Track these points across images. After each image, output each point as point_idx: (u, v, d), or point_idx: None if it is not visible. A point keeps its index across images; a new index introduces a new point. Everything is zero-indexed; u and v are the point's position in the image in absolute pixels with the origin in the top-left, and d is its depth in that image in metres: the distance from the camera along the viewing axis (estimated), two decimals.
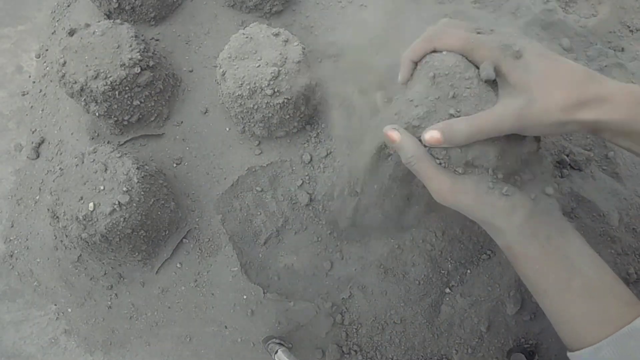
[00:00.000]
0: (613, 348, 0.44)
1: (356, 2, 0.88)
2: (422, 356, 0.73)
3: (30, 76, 1.00)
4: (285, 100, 0.71)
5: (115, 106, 0.76)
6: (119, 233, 0.68)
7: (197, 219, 0.77)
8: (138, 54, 0.74)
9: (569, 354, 0.50)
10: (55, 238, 0.79)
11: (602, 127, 0.46)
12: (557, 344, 0.73)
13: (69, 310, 0.81)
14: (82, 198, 0.67)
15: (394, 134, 0.50)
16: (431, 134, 0.48)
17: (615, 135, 0.47)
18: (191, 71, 0.86)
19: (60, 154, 0.85)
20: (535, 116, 0.46)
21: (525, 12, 0.82)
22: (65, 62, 0.74)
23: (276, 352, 0.66)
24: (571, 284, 0.48)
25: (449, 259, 0.73)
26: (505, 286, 0.71)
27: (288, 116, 0.74)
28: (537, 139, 0.52)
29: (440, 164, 0.50)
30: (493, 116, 0.47)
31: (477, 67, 0.50)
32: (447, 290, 0.73)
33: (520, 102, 0.46)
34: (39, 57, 1.01)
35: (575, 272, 0.48)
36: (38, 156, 0.90)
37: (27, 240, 0.85)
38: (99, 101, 0.74)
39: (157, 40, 0.89)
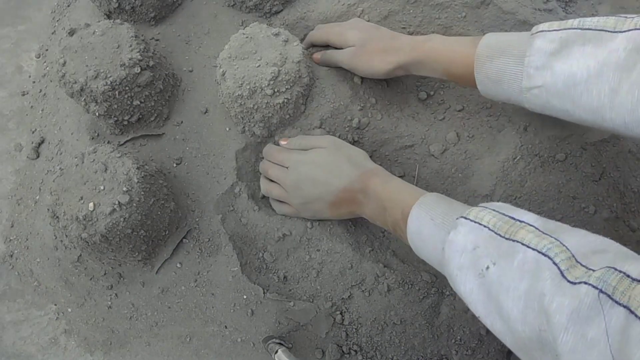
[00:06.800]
0: (435, 194, 0.60)
1: None
2: (422, 356, 0.73)
3: (30, 76, 1.00)
4: (285, 100, 0.71)
5: (115, 106, 0.76)
6: (119, 233, 0.68)
7: (197, 219, 0.77)
8: (138, 54, 0.74)
9: (408, 236, 0.60)
10: (55, 238, 0.79)
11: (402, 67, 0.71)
12: None
13: (69, 310, 0.81)
14: (82, 198, 0.67)
15: (316, 55, 0.80)
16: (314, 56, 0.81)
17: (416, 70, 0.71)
18: (191, 71, 0.86)
19: (60, 154, 0.85)
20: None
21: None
22: (65, 62, 0.74)
23: (276, 352, 0.66)
24: (392, 179, 0.67)
25: None
26: None
27: (288, 116, 0.74)
28: None
29: None
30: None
31: None
32: (447, 292, 0.73)
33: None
34: (39, 57, 1.01)
35: (393, 176, 0.68)
36: (38, 156, 0.90)
37: (27, 240, 0.85)
38: (99, 101, 0.74)
39: (157, 40, 0.89)
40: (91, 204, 0.66)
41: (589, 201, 0.68)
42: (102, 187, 0.67)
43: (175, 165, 0.81)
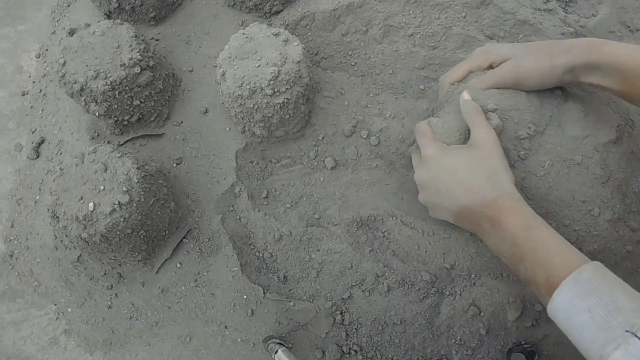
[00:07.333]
0: (592, 269, 0.51)
1: None
2: (422, 356, 0.73)
3: (30, 76, 1.00)
4: (285, 100, 0.71)
5: (115, 106, 0.76)
6: (119, 233, 0.68)
7: (197, 219, 0.77)
8: (138, 54, 0.74)
9: (549, 305, 0.53)
10: (55, 238, 0.79)
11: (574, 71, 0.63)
12: (560, 350, 0.72)
13: (69, 310, 0.81)
14: (82, 198, 0.67)
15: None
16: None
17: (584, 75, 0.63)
18: (191, 71, 0.86)
19: (60, 154, 0.85)
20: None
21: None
22: (65, 62, 0.74)
23: (276, 352, 0.66)
24: (536, 225, 0.58)
25: (449, 260, 0.73)
26: (505, 292, 0.71)
27: (288, 116, 0.74)
28: None
29: None
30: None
31: None
32: (447, 292, 0.73)
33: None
34: (39, 57, 1.01)
35: (537, 218, 0.59)
36: (38, 156, 0.90)
37: (27, 240, 0.85)
38: (99, 101, 0.75)
39: (157, 40, 0.89)
40: (91, 204, 0.66)
41: (595, 203, 0.66)
42: (102, 187, 0.67)
43: (175, 165, 0.81)
